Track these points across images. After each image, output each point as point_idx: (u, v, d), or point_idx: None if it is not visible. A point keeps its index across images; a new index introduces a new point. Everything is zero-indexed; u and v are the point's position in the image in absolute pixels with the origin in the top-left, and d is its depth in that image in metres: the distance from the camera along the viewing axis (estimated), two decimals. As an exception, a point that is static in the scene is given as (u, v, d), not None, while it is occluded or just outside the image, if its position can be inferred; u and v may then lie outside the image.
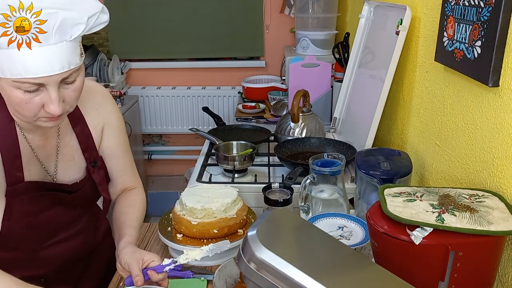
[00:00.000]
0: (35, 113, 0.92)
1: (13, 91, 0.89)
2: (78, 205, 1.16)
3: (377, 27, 1.83)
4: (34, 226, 1.07)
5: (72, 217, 1.16)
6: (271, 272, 0.75)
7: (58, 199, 1.10)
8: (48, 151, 1.08)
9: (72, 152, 1.12)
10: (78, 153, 1.13)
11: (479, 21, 1.00)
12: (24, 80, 0.87)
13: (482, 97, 1.05)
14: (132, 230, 1.16)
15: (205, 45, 3.51)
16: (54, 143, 1.09)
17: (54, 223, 1.11)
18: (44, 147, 1.07)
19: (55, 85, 0.90)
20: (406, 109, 1.58)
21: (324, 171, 1.30)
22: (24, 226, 1.06)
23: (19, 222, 1.05)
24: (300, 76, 2.30)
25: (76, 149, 1.12)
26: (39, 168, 1.06)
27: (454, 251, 0.83)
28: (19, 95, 0.89)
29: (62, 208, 1.11)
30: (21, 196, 1.03)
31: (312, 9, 2.86)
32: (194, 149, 3.60)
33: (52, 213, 1.09)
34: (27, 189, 1.03)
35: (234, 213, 1.29)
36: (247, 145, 1.78)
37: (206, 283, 1.19)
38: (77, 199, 1.14)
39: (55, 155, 1.09)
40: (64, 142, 1.10)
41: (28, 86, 0.88)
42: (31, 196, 1.04)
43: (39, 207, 1.07)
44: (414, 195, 0.95)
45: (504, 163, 0.96)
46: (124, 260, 1.04)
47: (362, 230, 1.23)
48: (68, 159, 1.11)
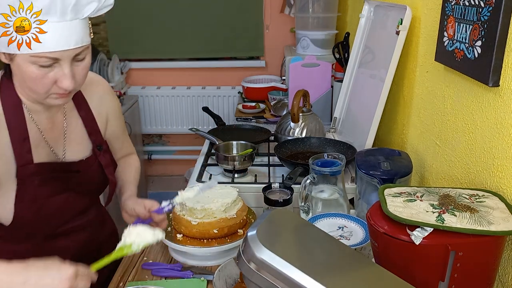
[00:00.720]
0: (47, 88, 0.98)
1: (29, 66, 0.94)
2: (86, 192, 1.19)
3: (377, 27, 1.83)
4: (45, 212, 1.10)
5: (81, 206, 1.20)
6: (271, 272, 0.75)
7: (68, 183, 1.13)
8: (55, 134, 1.12)
9: (79, 135, 1.17)
10: (85, 137, 1.18)
11: (479, 21, 1.00)
12: (42, 55, 0.92)
13: (482, 97, 1.05)
14: (132, 186, 1.28)
15: (205, 45, 3.51)
16: (61, 126, 1.13)
17: (63, 210, 1.13)
18: (51, 130, 1.11)
19: (68, 61, 0.96)
20: (406, 109, 1.58)
21: (324, 171, 1.30)
22: (35, 211, 1.08)
23: (31, 206, 1.07)
24: (300, 76, 2.30)
25: (82, 132, 1.17)
26: (47, 151, 1.10)
27: (454, 251, 0.83)
28: (34, 71, 0.94)
29: (72, 194, 1.14)
30: (31, 178, 1.06)
31: (312, 9, 2.86)
32: (194, 149, 3.60)
33: (62, 198, 1.12)
34: (37, 171, 1.06)
35: (234, 213, 1.29)
36: (247, 145, 1.78)
37: (206, 283, 1.19)
38: (85, 182, 1.17)
39: (63, 138, 1.13)
40: (71, 126, 1.15)
41: (45, 60, 0.93)
42: (41, 178, 1.07)
43: (49, 191, 1.09)
44: (414, 195, 0.95)
45: (504, 163, 0.96)
46: (130, 207, 1.17)
47: (362, 230, 1.23)
48: (75, 142, 1.16)
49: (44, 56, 0.93)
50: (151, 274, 1.25)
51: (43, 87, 0.97)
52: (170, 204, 1.15)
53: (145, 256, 1.34)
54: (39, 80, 0.96)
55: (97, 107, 1.21)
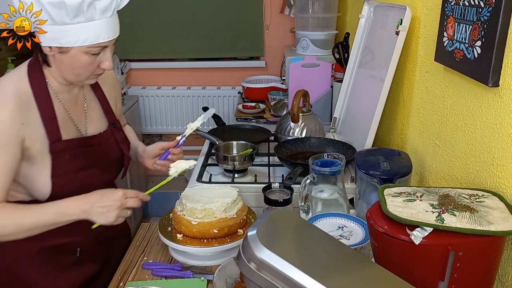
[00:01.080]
0: (92, 71, 1.18)
1: (82, 56, 1.13)
2: (108, 167, 1.34)
3: (377, 27, 1.84)
4: (77, 184, 1.23)
5: (105, 180, 1.33)
6: (271, 272, 0.76)
7: (92, 157, 1.28)
8: (78, 112, 1.28)
9: (97, 113, 1.34)
10: (102, 115, 1.35)
11: (479, 21, 1.00)
12: (97, 45, 1.12)
13: (482, 97, 1.05)
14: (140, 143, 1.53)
15: (205, 45, 3.51)
16: (81, 106, 1.30)
17: (91, 183, 1.26)
18: (75, 108, 1.27)
19: (111, 47, 1.19)
20: (406, 109, 1.58)
21: (324, 171, 1.31)
22: (68, 183, 1.22)
23: (65, 179, 1.21)
24: (300, 76, 2.30)
25: (99, 111, 1.35)
26: (73, 128, 1.26)
27: (454, 251, 0.83)
28: (87, 58, 1.14)
29: (97, 170, 1.29)
30: (62, 154, 1.20)
31: (312, 9, 2.86)
32: (194, 149, 3.59)
33: (89, 172, 1.26)
34: (66, 146, 1.21)
35: (234, 213, 1.29)
36: (247, 145, 1.78)
37: (206, 283, 1.19)
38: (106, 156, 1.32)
39: (84, 116, 1.30)
40: (90, 105, 1.32)
41: (97, 49, 1.14)
42: (71, 154, 1.22)
43: (78, 165, 1.24)
44: (414, 195, 0.95)
45: (504, 163, 0.96)
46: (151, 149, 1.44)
47: (362, 230, 1.23)
48: (95, 120, 1.33)
49: (98, 46, 1.13)
50: (151, 274, 1.25)
51: (90, 70, 1.17)
52: (183, 137, 1.41)
53: (145, 256, 1.34)
54: (89, 65, 1.15)
55: (108, 91, 1.38)
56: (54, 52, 1.13)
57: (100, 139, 1.31)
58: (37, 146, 1.16)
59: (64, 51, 1.12)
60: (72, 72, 1.17)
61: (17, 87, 1.15)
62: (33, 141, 1.15)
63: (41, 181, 1.19)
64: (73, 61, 1.14)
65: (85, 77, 1.19)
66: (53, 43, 1.10)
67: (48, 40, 1.10)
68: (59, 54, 1.13)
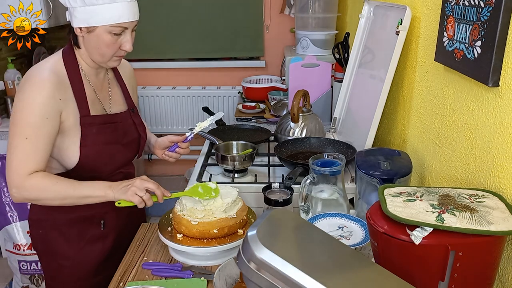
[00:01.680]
0: (114, 51, 1.33)
1: (106, 35, 1.29)
2: (128, 145, 1.49)
3: (377, 27, 1.83)
4: (102, 156, 1.40)
5: (126, 157, 1.51)
6: (271, 272, 0.75)
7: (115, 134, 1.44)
8: (104, 94, 1.46)
9: (119, 97, 1.51)
10: (122, 100, 1.52)
11: (479, 21, 1.00)
12: (118, 25, 1.28)
13: (482, 97, 1.05)
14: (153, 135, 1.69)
15: (205, 45, 3.51)
16: (106, 89, 1.47)
17: (115, 158, 1.45)
18: (101, 90, 1.45)
19: (131, 29, 1.33)
20: (406, 109, 1.58)
21: (324, 171, 1.30)
22: (95, 153, 1.38)
23: (92, 149, 1.37)
24: (300, 76, 2.30)
25: (121, 96, 1.52)
26: (100, 107, 1.43)
27: (454, 251, 0.83)
28: (109, 38, 1.29)
29: (119, 147, 1.45)
30: (90, 127, 1.37)
31: (312, 9, 2.86)
32: (194, 149, 3.59)
33: (113, 148, 1.43)
34: (94, 121, 1.38)
35: (234, 213, 1.29)
36: (247, 145, 1.78)
37: (206, 283, 1.19)
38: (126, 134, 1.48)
39: (108, 98, 1.47)
40: (113, 90, 1.50)
41: (119, 29, 1.29)
42: (97, 128, 1.38)
43: (104, 139, 1.40)
44: (414, 195, 0.95)
45: (504, 163, 0.96)
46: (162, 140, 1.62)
47: (362, 230, 1.23)
48: (117, 102, 1.50)
49: (119, 26, 1.28)
50: (151, 274, 1.25)
51: (112, 50, 1.32)
52: (192, 134, 1.54)
53: (145, 256, 1.34)
54: (111, 45, 1.31)
55: (126, 80, 1.55)
56: (83, 33, 1.31)
57: (121, 118, 1.47)
58: (71, 119, 1.33)
59: (91, 31, 1.29)
60: (98, 51, 1.33)
61: (55, 69, 1.32)
62: (68, 114, 1.32)
63: (72, 149, 1.35)
64: (98, 40, 1.30)
65: (108, 56, 1.34)
66: (82, 24, 1.28)
67: (79, 22, 1.28)
68: (87, 34, 1.30)
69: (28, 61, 3.24)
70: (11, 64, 2.92)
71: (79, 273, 1.47)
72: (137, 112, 1.56)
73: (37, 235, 1.47)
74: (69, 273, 1.47)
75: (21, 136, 1.25)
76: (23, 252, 2.54)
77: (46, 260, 1.49)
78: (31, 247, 2.50)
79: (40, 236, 1.46)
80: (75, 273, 1.47)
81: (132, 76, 1.61)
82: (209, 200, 1.29)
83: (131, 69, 1.62)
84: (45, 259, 1.49)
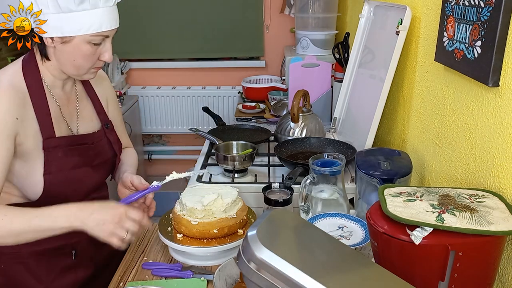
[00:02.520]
0: (93, 63, 1.18)
1: (85, 45, 1.13)
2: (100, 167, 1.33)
3: (377, 27, 1.83)
4: (70, 183, 1.23)
5: (97, 180, 1.34)
6: (271, 272, 0.75)
7: (85, 156, 1.27)
8: (70, 110, 1.28)
9: (89, 113, 1.34)
10: (94, 115, 1.35)
11: (479, 21, 1.00)
12: (100, 33, 1.13)
13: (482, 97, 1.05)
14: (131, 168, 1.42)
15: (205, 45, 3.51)
16: (74, 104, 1.30)
17: (84, 182, 1.28)
18: (67, 106, 1.27)
19: (111, 38, 1.19)
20: (406, 109, 1.58)
21: (324, 171, 1.30)
22: (60, 181, 1.21)
23: (56, 177, 1.20)
24: (300, 76, 2.30)
25: (92, 111, 1.34)
26: (65, 126, 1.25)
27: (454, 251, 0.83)
28: (88, 48, 1.14)
29: (89, 169, 1.28)
30: (55, 150, 1.20)
31: (312, 9, 2.86)
32: (194, 149, 3.59)
33: (82, 171, 1.26)
34: (59, 144, 1.20)
35: (234, 213, 1.29)
36: (247, 145, 1.78)
37: (206, 283, 1.19)
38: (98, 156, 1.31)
39: (76, 114, 1.29)
40: (82, 104, 1.32)
41: (99, 39, 1.14)
42: (64, 151, 1.21)
43: (71, 163, 1.23)
44: (414, 195, 0.95)
45: (504, 163, 0.96)
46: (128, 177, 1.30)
47: (362, 230, 1.23)
48: (87, 119, 1.32)
49: (100, 35, 1.13)
50: (151, 274, 1.25)
51: (91, 61, 1.17)
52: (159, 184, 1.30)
53: (145, 256, 1.34)
54: (90, 56, 1.15)
55: (100, 91, 1.38)
56: (55, 43, 1.12)
57: (93, 139, 1.31)
58: (30, 142, 1.15)
59: (66, 41, 1.12)
60: (73, 64, 1.16)
61: (12, 82, 1.14)
62: (26, 137, 1.15)
63: (34, 178, 1.18)
64: (75, 51, 1.13)
65: (85, 69, 1.18)
66: (56, 33, 1.10)
67: (51, 30, 1.10)
68: (61, 45, 1.13)
69: (28, 61, 3.24)
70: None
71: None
72: (112, 128, 1.37)
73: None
74: None
75: None
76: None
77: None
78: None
79: (1, 270, 1.25)
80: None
81: (106, 85, 1.42)
82: (210, 201, 1.29)
83: (104, 76, 1.43)
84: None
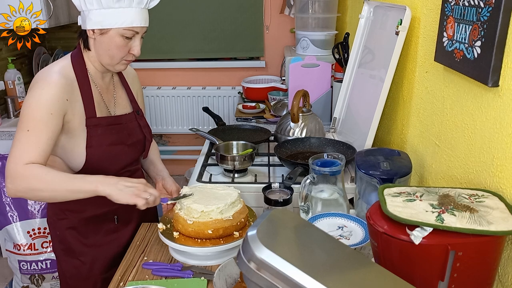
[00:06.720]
0: (124, 54, 1.39)
1: (118, 37, 1.34)
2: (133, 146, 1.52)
3: (377, 27, 1.84)
4: (108, 157, 1.44)
5: (131, 157, 1.53)
6: (271, 272, 0.75)
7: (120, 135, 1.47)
8: (109, 97, 1.50)
9: (124, 100, 1.56)
10: (128, 102, 1.57)
11: (479, 21, 1.00)
12: (131, 28, 1.34)
13: (482, 97, 1.05)
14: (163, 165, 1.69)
15: (205, 45, 3.51)
16: (111, 92, 1.52)
17: (120, 158, 1.48)
18: (106, 93, 1.49)
19: (141, 35, 1.40)
20: (406, 109, 1.58)
21: (324, 171, 1.31)
22: (101, 154, 1.41)
23: (97, 150, 1.40)
24: (300, 76, 2.30)
25: (126, 99, 1.57)
26: (105, 109, 1.47)
27: (454, 251, 0.83)
28: (121, 40, 1.35)
29: (125, 147, 1.48)
30: (96, 128, 1.41)
31: (312, 9, 2.86)
32: (194, 149, 3.60)
33: (118, 148, 1.46)
34: (99, 122, 1.42)
35: (230, 215, 1.28)
36: (247, 145, 1.78)
37: (206, 283, 1.20)
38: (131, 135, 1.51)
39: (113, 100, 1.52)
40: (118, 92, 1.55)
41: (131, 33, 1.35)
42: (102, 129, 1.43)
43: (109, 140, 1.44)
44: (414, 195, 0.95)
45: (504, 163, 0.96)
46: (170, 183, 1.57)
47: (362, 230, 1.23)
48: (122, 105, 1.54)
49: (132, 29, 1.34)
50: (151, 274, 1.25)
51: (122, 53, 1.38)
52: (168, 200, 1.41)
53: (145, 256, 1.34)
54: (122, 47, 1.36)
55: (131, 84, 1.60)
56: (95, 35, 1.35)
57: (126, 119, 1.51)
58: (76, 121, 1.37)
59: (104, 33, 1.34)
60: (108, 53, 1.37)
61: (63, 72, 1.36)
62: (74, 115, 1.36)
63: (78, 150, 1.39)
64: (110, 42, 1.35)
65: (117, 59, 1.39)
66: (96, 26, 1.33)
67: (93, 24, 1.33)
68: (100, 36, 1.35)
69: (28, 61, 3.24)
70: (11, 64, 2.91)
71: (95, 269, 1.52)
72: (142, 115, 1.59)
73: (55, 237, 1.54)
74: (87, 269, 1.52)
75: (24, 129, 1.28)
76: (23, 252, 2.54)
77: (64, 260, 1.54)
78: (31, 247, 2.50)
79: (57, 237, 1.53)
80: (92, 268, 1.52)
81: (136, 81, 1.65)
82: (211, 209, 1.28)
83: (135, 75, 1.67)
84: (63, 259, 1.54)
